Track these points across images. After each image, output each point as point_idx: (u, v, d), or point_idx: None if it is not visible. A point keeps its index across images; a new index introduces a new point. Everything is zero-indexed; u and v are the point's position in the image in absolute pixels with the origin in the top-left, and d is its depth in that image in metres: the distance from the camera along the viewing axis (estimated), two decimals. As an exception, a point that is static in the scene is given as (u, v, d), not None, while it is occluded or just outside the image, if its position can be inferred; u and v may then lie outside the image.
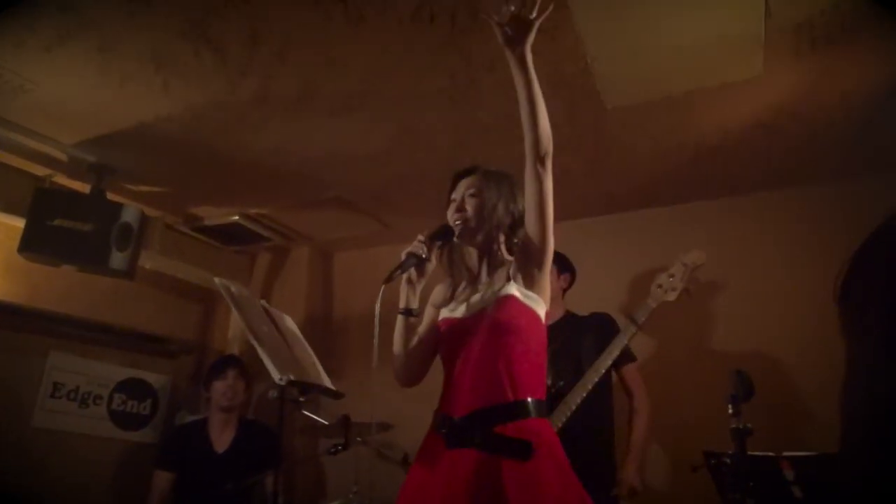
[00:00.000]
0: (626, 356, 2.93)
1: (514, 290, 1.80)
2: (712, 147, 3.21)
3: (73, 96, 2.81)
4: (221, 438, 3.56)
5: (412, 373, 1.97)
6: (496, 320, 1.77)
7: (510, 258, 1.91)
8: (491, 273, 1.93)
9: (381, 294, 1.78)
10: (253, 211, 4.13)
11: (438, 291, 2.05)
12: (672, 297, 2.89)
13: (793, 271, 3.35)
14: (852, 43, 2.37)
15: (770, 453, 2.01)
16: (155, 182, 3.70)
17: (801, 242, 3.43)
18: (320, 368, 3.09)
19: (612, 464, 2.86)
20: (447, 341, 1.88)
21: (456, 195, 1.96)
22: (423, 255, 1.83)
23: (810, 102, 2.80)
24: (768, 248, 3.56)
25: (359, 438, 3.30)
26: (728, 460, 2.05)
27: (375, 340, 1.86)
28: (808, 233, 3.41)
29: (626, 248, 3.97)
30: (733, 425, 2.04)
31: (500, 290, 1.81)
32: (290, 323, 3.18)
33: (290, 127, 3.07)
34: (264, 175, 3.59)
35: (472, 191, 1.93)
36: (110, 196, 3.48)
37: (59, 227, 3.19)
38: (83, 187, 3.48)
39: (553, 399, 2.75)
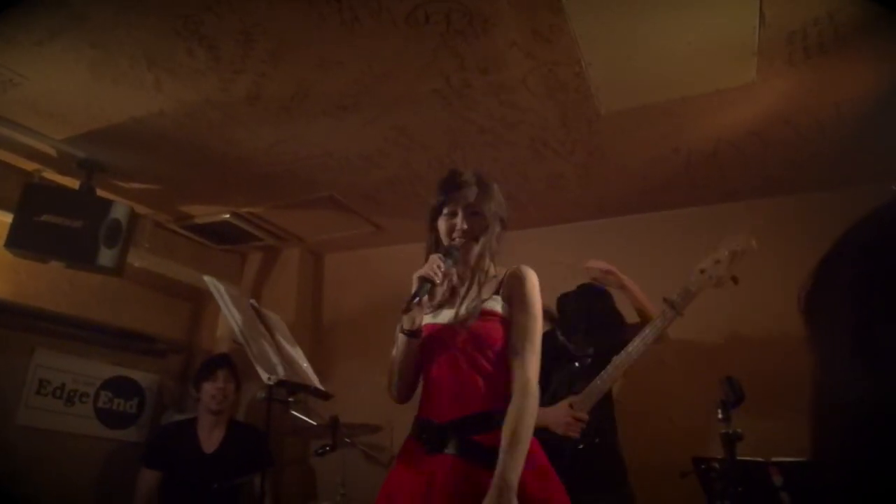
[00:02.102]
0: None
1: (500, 307, 1.86)
2: (705, 153, 3.22)
3: (64, 91, 2.78)
4: (210, 439, 3.53)
5: (410, 388, 1.98)
6: (478, 332, 1.82)
7: (496, 273, 1.96)
8: (479, 282, 1.93)
9: (397, 339, 1.88)
10: (244, 210, 4.11)
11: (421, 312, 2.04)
12: (717, 284, 2.66)
13: (786, 279, 3.35)
14: (846, 52, 2.38)
15: (759, 459, 2.02)
16: (145, 179, 3.67)
17: (794, 250, 3.42)
18: (309, 369, 3.07)
19: (621, 462, 2.82)
20: (429, 347, 1.89)
21: (454, 208, 1.93)
22: (437, 281, 1.80)
23: (803, 110, 2.81)
24: (761, 256, 3.57)
25: (347, 440, 3.29)
26: (717, 465, 2.05)
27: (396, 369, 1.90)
28: (801, 241, 3.41)
29: (617, 252, 3.97)
30: (723, 431, 2.04)
31: (485, 302, 1.86)
32: (279, 323, 3.16)
33: (283, 126, 3.06)
34: (256, 174, 3.57)
35: (473, 209, 1.92)
36: (100, 192, 3.45)
37: (47, 223, 3.16)
38: (73, 183, 3.45)
39: (585, 369, 2.75)
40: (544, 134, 3.09)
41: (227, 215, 4.11)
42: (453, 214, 1.93)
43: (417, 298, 1.77)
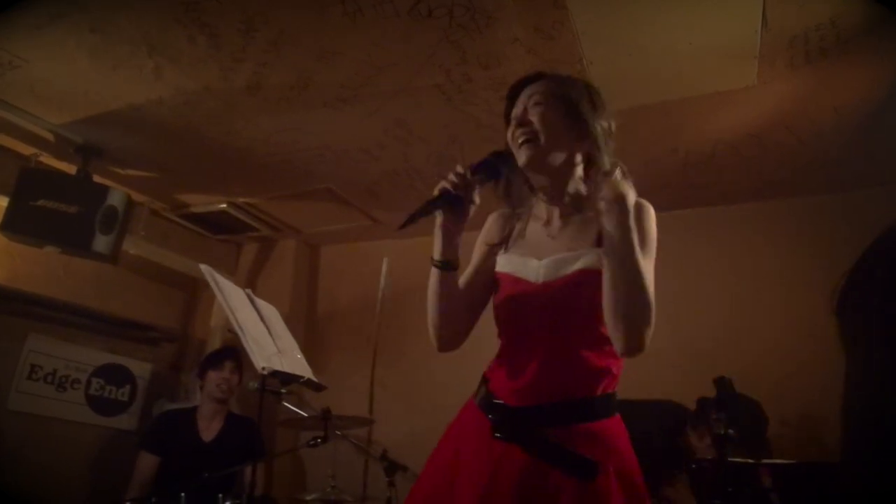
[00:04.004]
0: None
1: (597, 263, 1.39)
2: (704, 155, 3.22)
3: (63, 76, 2.77)
4: (210, 428, 3.54)
5: (455, 334, 1.55)
6: (569, 298, 1.40)
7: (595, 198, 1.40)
8: (570, 217, 1.49)
9: (384, 271, 1.49)
10: (241, 200, 4.10)
11: (494, 224, 1.61)
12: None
13: (782, 281, 3.38)
14: (847, 57, 2.39)
15: (750, 460, 2.03)
16: (142, 166, 3.66)
17: (790, 253, 3.46)
18: (303, 360, 3.07)
19: None
20: (513, 308, 1.48)
21: (517, 110, 1.50)
22: (457, 193, 1.38)
23: (803, 114, 2.82)
24: (758, 258, 3.59)
25: (338, 432, 3.29)
26: (708, 465, 2.06)
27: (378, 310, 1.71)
28: (798, 244, 3.45)
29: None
30: (715, 431, 2.05)
31: (582, 258, 1.41)
32: (274, 314, 3.15)
33: (283, 117, 3.05)
34: (254, 164, 3.56)
35: (537, 98, 1.47)
36: (97, 179, 3.44)
37: (43, 208, 3.15)
38: (69, 169, 3.44)
39: None
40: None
41: (224, 205, 4.10)
42: (516, 116, 1.48)
43: (420, 215, 1.37)
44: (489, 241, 1.58)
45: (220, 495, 2.85)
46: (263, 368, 2.63)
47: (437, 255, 1.46)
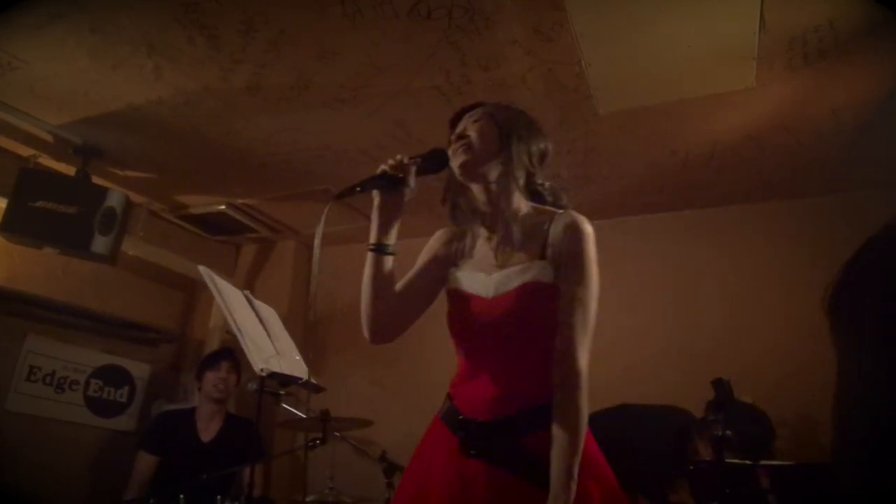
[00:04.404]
0: None
1: (548, 275, 1.44)
2: (703, 156, 3.23)
3: (62, 76, 2.77)
4: (208, 428, 3.54)
5: (384, 327, 1.59)
6: (520, 310, 1.44)
7: (538, 215, 1.54)
8: (512, 230, 1.53)
9: (324, 214, 1.49)
10: (240, 201, 4.10)
11: (441, 239, 1.68)
12: None
13: (782, 282, 3.38)
14: (845, 59, 2.40)
15: (747, 461, 2.03)
16: (142, 167, 3.65)
17: (790, 254, 3.46)
18: (301, 362, 3.07)
19: None
20: (467, 324, 1.51)
21: (458, 128, 1.61)
22: (398, 175, 1.47)
23: (802, 116, 2.82)
24: (757, 259, 3.60)
25: (337, 433, 3.29)
26: (706, 467, 2.06)
27: (315, 275, 1.58)
28: (798, 245, 3.45)
29: (612, 254, 3.98)
30: (712, 432, 2.05)
31: (527, 272, 1.46)
32: (272, 315, 3.15)
33: (282, 117, 3.05)
34: (253, 165, 3.56)
35: (476, 118, 1.58)
36: (95, 180, 3.43)
37: (41, 209, 3.15)
38: (68, 170, 3.43)
39: None
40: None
41: (223, 206, 4.10)
42: (457, 132, 1.58)
43: (359, 188, 1.47)
44: (438, 255, 1.65)
45: (219, 496, 2.85)
46: (262, 370, 2.63)
47: (372, 238, 1.54)
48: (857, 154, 3.08)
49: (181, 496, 2.78)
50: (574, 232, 1.47)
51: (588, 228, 1.49)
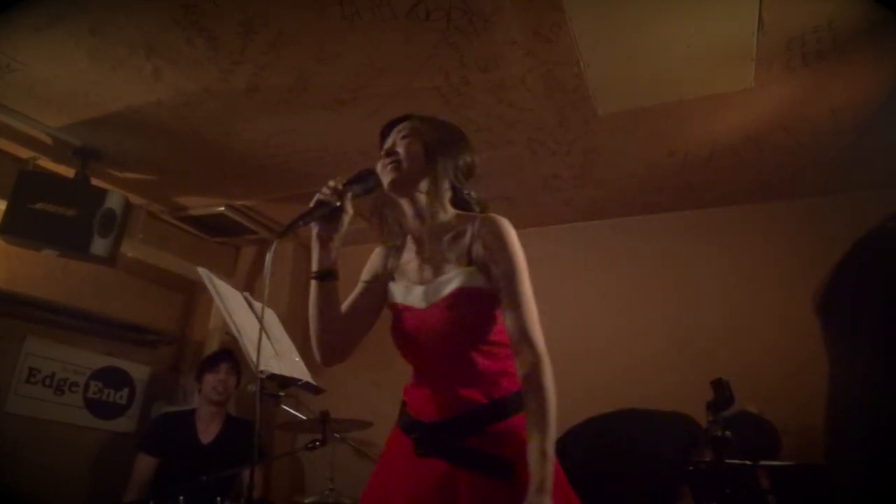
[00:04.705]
0: None
1: (477, 279, 1.52)
2: (702, 157, 3.23)
3: (62, 78, 2.77)
4: (208, 430, 3.54)
5: (335, 349, 1.67)
6: (456, 316, 1.51)
7: (456, 222, 1.61)
8: (439, 240, 1.60)
9: (270, 253, 1.52)
10: (239, 203, 4.10)
11: (379, 255, 1.75)
12: None
13: (781, 283, 3.39)
14: (844, 59, 2.40)
15: (747, 462, 2.03)
16: (141, 169, 3.65)
17: (789, 254, 3.46)
18: (301, 363, 3.07)
19: None
20: (405, 334, 1.59)
21: (386, 142, 1.67)
22: (336, 203, 1.52)
23: (800, 116, 2.83)
24: (757, 259, 3.60)
25: (337, 435, 3.28)
26: (706, 468, 2.06)
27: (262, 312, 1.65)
28: (797, 245, 3.45)
29: (611, 254, 3.99)
30: (712, 433, 2.05)
31: (455, 279, 1.53)
32: (272, 316, 3.15)
33: (281, 119, 3.05)
34: (253, 166, 3.56)
35: (404, 133, 1.63)
36: (95, 182, 3.43)
37: (41, 211, 3.15)
38: (68, 172, 3.43)
39: None
40: (541, 134, 3.09)
41: (222, 207, 4.10)
42: (387, 148, 1.64)
43: (301, 222, 1.50)
44: (374, 273, 1.72)
45: (219, 498, 2.85)
46: (261, 371, 2.63)
47: (315, 266, 1.58)
48: (856, 154, 3.09)
49: (181, 498, 2.78)
50: (494, 231, 1.54)
51: (505, 223, 1.56)
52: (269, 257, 1.53)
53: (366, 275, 1.74)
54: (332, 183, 1.54)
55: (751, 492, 2.01)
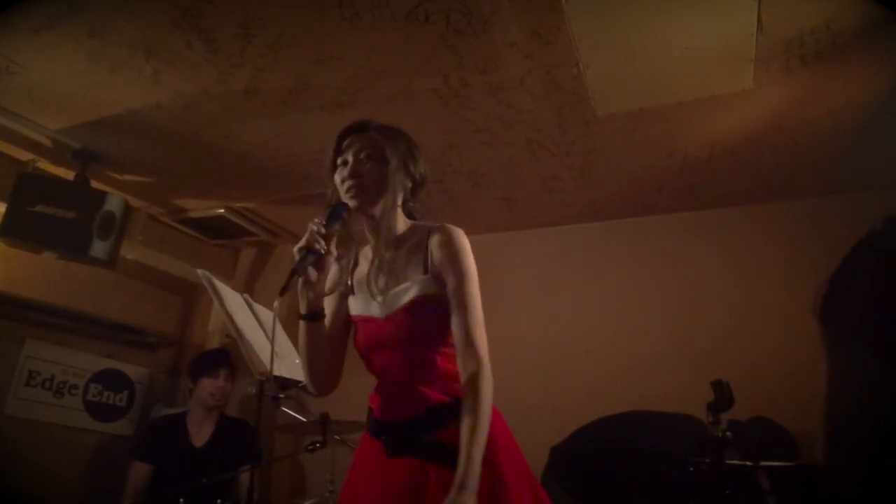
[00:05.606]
0: None
1: (432, 288, 1.61)
2: (700, 158, 3.23)
3: (61, 81, 2.77)
4: (200, 433, 3.53)
5: (329, 380, 1.76)
6: (416, 324, 1.60)
7: (412, 233, 1.70)
8: (395, 251, 1.69)
9: (276, 308, 1.66)
10: (239, 205, 4.10)
11: (336, 275, 1.79)
12: None
13: (781, 283, 3.38)
14: (842, 60, 2.40)
15: (748, 462, 2.03)
16: (140, 171, 3.65)
17: (789, 255, 3.46)
18: (301, 365, 3.07)
19: None
20: (368, 344, 1.69)
21: (347, 157, 1.69)
22: (322, 251, 1.55)
23: (799, 117, 2.83)
24: (756, 260, 3.60)
25: (337, 436, 3.28)
26: (706, 468, 2.06)
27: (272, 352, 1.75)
28: (797, 246, 3.45)
29: (610, 256, 3.99)
30: (712, 434, 2.05)
31: (412, 288, 1.61)
32: (272, 318, 3.15)
33: (280, 121, 3.05)
34: (252, 168, 3.56)
35: (367, 152, 1.67)
36: (94, 184, 3.43)
37: (40, 214, 3.15)
38: (67, 174, 3.44)
39: None
40: (540, 135, 3.09)
41: (222, 210, 4.10)
42: (345, 164, 1.68)
43: (297, 276, 1.52)
44: (332, 289, 1.74)
45: (219, 500, 2.85)
46: (261, 374, 2.63)
47: (303, 309, 1.62)
48: (855, 155, 3.09)
49: (180, 500, 2.78)
50: (448, 241, 1.63)
51: (458, 233, 1.65)
52: (275, 320, 1.79)
53: (331, 299, 1.77)
54: (313, 227, 1.55)
55: (751, 493, 2.01)
